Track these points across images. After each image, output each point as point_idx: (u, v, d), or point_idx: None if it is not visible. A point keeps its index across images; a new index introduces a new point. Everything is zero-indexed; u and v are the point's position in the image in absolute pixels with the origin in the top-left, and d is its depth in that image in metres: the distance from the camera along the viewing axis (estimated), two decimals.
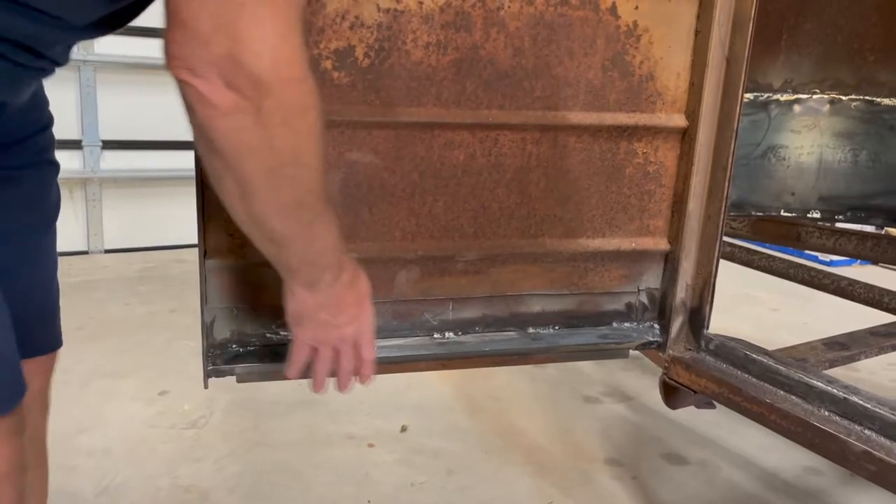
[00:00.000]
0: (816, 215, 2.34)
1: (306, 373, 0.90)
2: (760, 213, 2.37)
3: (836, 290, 1.97)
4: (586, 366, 2.60)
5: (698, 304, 1.23)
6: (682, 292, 1.22)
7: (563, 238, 1.16)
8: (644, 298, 1.23)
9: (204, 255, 1.00)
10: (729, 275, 2.47)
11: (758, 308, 3.41)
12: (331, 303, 0.81)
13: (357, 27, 0.98)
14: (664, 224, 1.19)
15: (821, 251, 2.50)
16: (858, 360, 1.50)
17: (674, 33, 1.11)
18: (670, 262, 1.21)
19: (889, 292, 1.85)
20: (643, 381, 2.48)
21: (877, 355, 1.55)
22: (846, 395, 1.04)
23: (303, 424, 2.09)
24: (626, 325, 1.23)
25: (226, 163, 0.64)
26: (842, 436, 1.01)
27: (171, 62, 0.59)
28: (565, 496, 1.80)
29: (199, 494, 1.72)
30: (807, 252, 4.42)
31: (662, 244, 1.20)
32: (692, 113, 1.15)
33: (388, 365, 1.13)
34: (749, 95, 2.22)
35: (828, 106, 2.27)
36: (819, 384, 1.07)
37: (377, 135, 1.03)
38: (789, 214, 2.35)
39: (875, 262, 4.00)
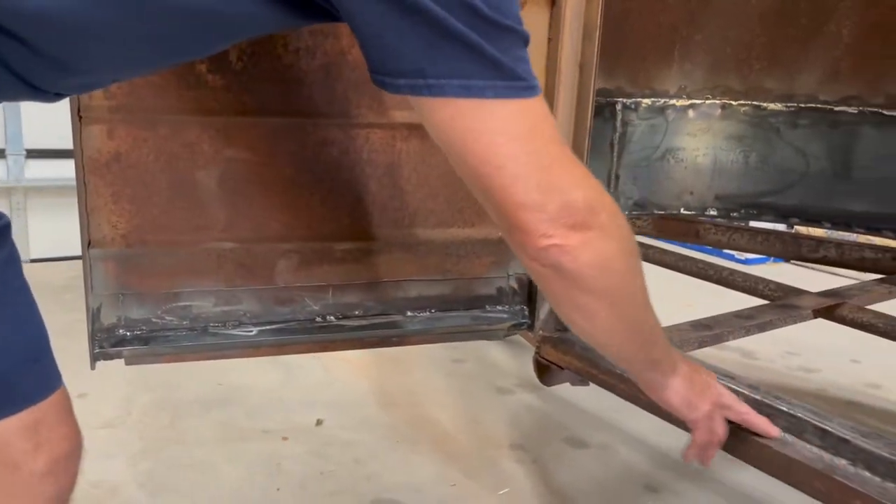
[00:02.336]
0: (713, 213, 2.49)
1: None
2: (662, 212, 2.51)
3: (718, 280, 2.11)
4: (502, 359, 2.71)
5: None
6: None
7: (435, 228, 1.26)
8: (514, 283, 1.34)
9: (88, 245, 1.07)
10: (647, 274, 2.61)
11: (673, 304, 3.58)
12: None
13: None
14: None
15: (717, 246, 2.67)
16: (726, 340, 1.63)
17: None
18: None
19: (763, 280, 2.00)
20: None
21: (744, 336, 1.69)
22: None
23: (219, 422, 2.14)
24: (498, 307, 1.34)
25: (597, 290, 0.75)
26: None
27: (529, 241, 0.70)
28: (469, 479, 1.89)
29: (109, 490, 1.77)
30: (724, 252, 4.65)
31: None
32: None
33: (271, 348, 1.21)
34: (647, 101, 2.37)
35: (719, 111, 2.43)
36: None
37: (252, 133, 1.12)
38: (688, 212, 2.50)
39: (787, 260, 4.23)
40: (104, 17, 0.64)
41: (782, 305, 1.77)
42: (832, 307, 1.78)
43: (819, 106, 2.30)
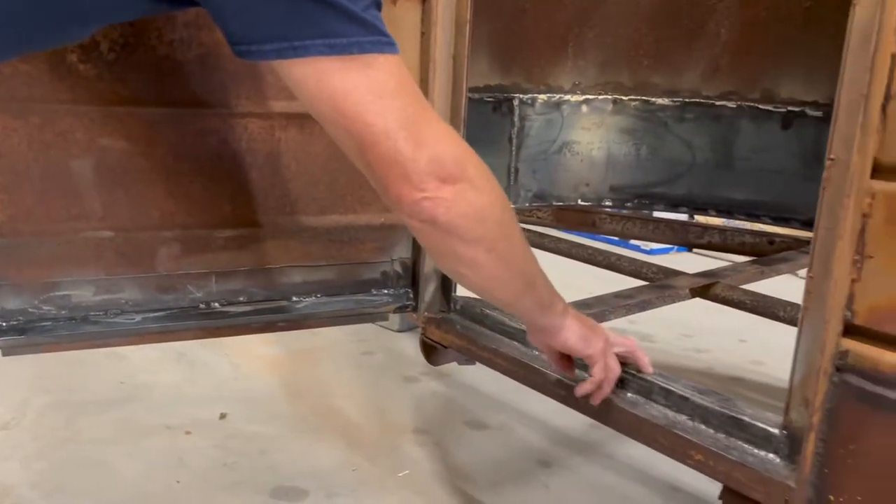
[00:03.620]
0: (609, 203, 2.61)
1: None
2: (561, 203, 2.62)
3: (607, 265, 2.23)
4: (411, 350, 2.77)
5: None
6: (431, 261, 1.39)
7: (318, 215, 1.31)
8: (398, 267, 1.40)
9: None
10: (553, 266, 2.71)
11: (578, 294, 3.72)
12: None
13: None
14: None
15: (612, 235, 2.80)
16: (608, 319, 1.73)
17: (401, 35, 1.28)
18: None
19: (647, 264, 2.13)
20: None
21: (625, 315, 1.80)
22: None
23: (119, 420, 2.11)
24: (383, 291, 1.39)
25: (474, 240, 0.79)
26: (543, 369, 1.21)
27: (403, 196, 0.73)
28: (371, 464, 1.94)
29: (0, 491, 1.73)
30: (630, 243, 4.84)
31: None
32: None
33: (154, 335, 1.22)
34: (543, 97, 2.47)
35: (611, 106, 2.54)
36: None
37: (128, 122, 1.13)
38: (586, 203, 2.61)
39: (689, 249, 4.45)
40: None
41: (661, 286, 1.89)
42: (706, 286, 1.91)
43: (702, 101, 2.44)
